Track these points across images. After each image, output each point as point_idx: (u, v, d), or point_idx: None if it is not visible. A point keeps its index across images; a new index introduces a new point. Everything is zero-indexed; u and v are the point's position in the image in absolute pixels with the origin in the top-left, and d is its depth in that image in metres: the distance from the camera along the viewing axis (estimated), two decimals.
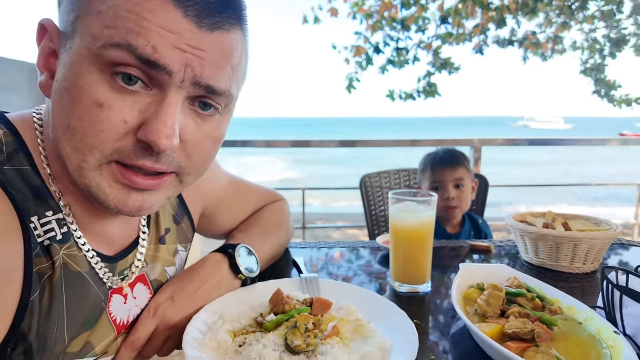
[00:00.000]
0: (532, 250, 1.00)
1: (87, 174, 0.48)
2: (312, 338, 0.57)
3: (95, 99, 0.45)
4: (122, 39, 0.44)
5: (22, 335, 0.48)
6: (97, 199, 0.50)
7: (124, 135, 0.47)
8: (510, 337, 0.60)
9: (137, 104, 0.47)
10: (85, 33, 0.45)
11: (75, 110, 0.45)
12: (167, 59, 0.45)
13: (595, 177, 14.36)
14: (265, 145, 3.58)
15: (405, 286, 0.85)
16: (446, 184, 1.57)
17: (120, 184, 0.49)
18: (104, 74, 0.45)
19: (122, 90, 0.46)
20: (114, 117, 0.46)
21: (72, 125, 0.46)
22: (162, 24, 0.44)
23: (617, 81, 5.39)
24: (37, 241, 0.50)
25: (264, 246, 0.88)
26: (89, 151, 0.46)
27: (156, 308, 0.65)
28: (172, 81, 0.47)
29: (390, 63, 5.49)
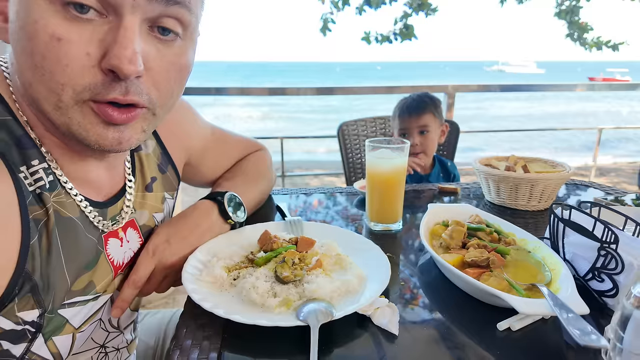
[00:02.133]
0: (494, 191, 1.10)
1: (65, 112, 0.49)
2: (299, 270, 0.65)
3: (52, 33, 0.44)
4: None
5: (27, 275, 0.51)
6: (78, 136, 0.51)
7: (90, 68, 0.47)
8: (469, 265, 0.70)
9: (96, 34, 0.46)
10: None
11: (36, 48, 0.45)
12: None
13: (564, 121, 14.84)
14: (240, 93, 3.53)
15: (380, 225, 0.94)
16: (411, 130, 1.65)
17: (99, 119, 0.50)
18: (55, 4, 0.44)
19: (77, 20, 0.45)
20: (75, 50, 0.45)
21: (39, 64, 0.45)
22: None
23: (589, 24, 5.43)
24: (28, 190, 0.52)
25: (249, 193, 0.94)
26: (61, 89, 0.47)
27: (154, 250, 0.70)
28: (124, 2, 0.45)
29: (367, 3, 5.31)
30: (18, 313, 0.52)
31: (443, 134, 1.74)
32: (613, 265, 0.60)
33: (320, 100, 19.66)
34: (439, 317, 0.63)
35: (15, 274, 0.50)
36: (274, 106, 19.84)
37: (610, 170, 6.07)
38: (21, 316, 0.53)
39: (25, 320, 0.53)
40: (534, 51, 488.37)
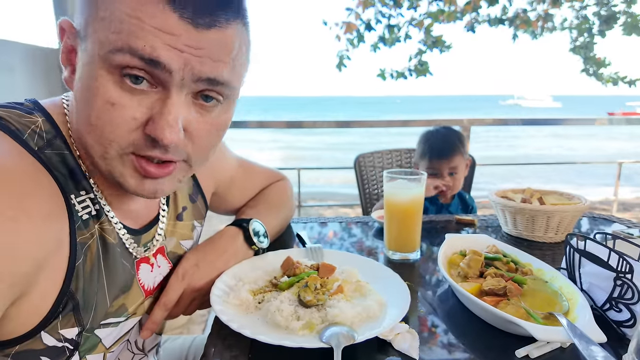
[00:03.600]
0: (511, 223, 1.12)
1: (110, 162, 0.54)
2: (321, 295, 0.68)
3: (107, 99, 0.50)
4: (125, 44, 0.47)
5: (71, 294, 0.56)
6: (119, 183, 0.56)
7: (135, 130, 0.52)
8: (486, 293, 0.72)
9: (145, 101, 0.51)
10: (94, 39, 0.49)
11: (93, 110, 0.51)
12: (165, 57, 0.48)
13: (582, 155, 14.63)
14: (258, 126, 3.64)
15: (398, 254, 0.96)
16: (442, 172, 1.68)
17: (138, 172, 0.55)
18: (113, 75, 0.49)
19: (131, 90, 0.50)
20: (124, 115, 0.50)
21: (93, 122, 0.51)
22: (159, 26, 0.47)
23: (606, 59, 5.48)
24: (78, 215, 0.57)
25: (272, 221, 0.98)
26: (108, 144, 0.52)
27: (184, 273, 0.75)
28: (173, 79, 0.50)
29: (381, 41, 5.49)
30: (60, 330, 0.56)
31: (467, 167, 1.77)
32: (630, 295, 0.61)
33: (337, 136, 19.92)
34: (458, 343, 0.64)
35: (61, 292, 0.55)
36: (291, 134, 20.19)
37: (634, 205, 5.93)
38: (63, 333, 0.57)
39: (65, 338, 0.57)
40: (550, 85, 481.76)
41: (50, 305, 0.54)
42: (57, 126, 0.58)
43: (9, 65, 2.17)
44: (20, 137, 0.53)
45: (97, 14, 0.49)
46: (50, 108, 0.60)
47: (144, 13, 0.47)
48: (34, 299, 0.52)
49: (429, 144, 1.72)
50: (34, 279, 0.51)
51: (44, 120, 0.58)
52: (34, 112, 0.58)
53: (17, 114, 0.55)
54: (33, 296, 0.52)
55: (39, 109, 0.59)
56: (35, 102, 0.60)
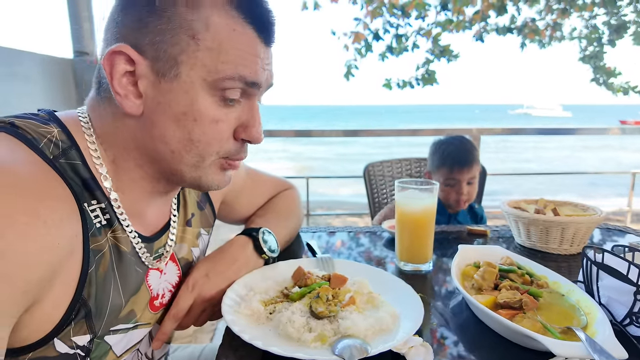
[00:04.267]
0: (524, 234, 1.10)
1: (201, 169, 0.62)
2: (333, 306, 0.67)
3: (212, 118, 0.58)
4: (235, 72, 0.57)
5: (83, 301, 0.56)
6: (202, 185, 0.65)
7: (229, 139, 0.62)
8: (501, 306, 0.70)
9: (235, 114, 0.61)
10: (198, 66, 0.56)
11: (198, 128, 0.58)
12: (261, 79, 0.60)
13: (594, 165, 14.45)
14: (267, 135, 3.66)
15: (410, 265, 0.95)
16: (461, 182, 1.65)
17: (222, 170, 0.65)
18: (215, 97, 0.58)
19: (227, 105, 0.60)
20: (225, 128, 0.61)
21: (197, 139, 0.59)
22: (255, 53, 0.58)
23: (617, 68, 5.44)
24: (92, 222, 0.58)
25: (281, 230, 0.98)
26: (208, 154, 0.61)
27: (194, 284, 0.74)
28: (259, 92, 0.62)
29: (389, 50, 5.51)
30: (73, 337, 0.56)
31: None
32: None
33: (346, 145, 19.94)
34: (472, 358, 0.63)
35: (73, 299, 0.55)
36: (300, 143, 20.26)
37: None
38: (75, 340, 0.57)
39: (77, 345, 0.57)
40: (559, 94, 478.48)
41: (63, 312, 0.54)
42: (72, 138, 0.59)
43: (26, 75, 2.21)
44: (36, 146, 0.54)
45: (201, 44, 0.55)
46: (66, 120, 0.61)
47: (244, 44, 0.57)
48: (47, 305, 0.52)
49: (447, 153, 1.68)
50: (48, 285, 0.51)
51: (60, 131, 0.58)
52: (50, 122, 0.59)
53: (33, 124, 0.56)
54: (46, 303, 0.52)
55: (55, 120, 0.60)
56: (50, 113, 0.62)
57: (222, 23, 0.55)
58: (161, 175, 0.64)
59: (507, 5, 5.04)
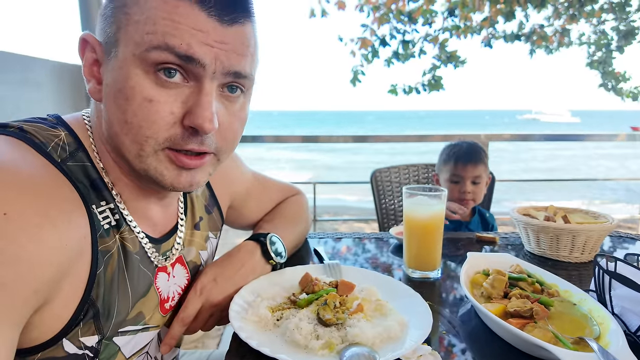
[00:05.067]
0: (534, 241, 1.09)
1: (144, 160, 0.57)
2: (341, 313, 0.67)
3: (145, 96, 0.53)
4: (161, 42, 0.52)
5: (92, 302, 0.56)
6: (155, 180, 0.59)
7: (172, 125, 0.55)
8: (511, 315, 0.69)
9: (180, 97, 0.55)
10: (129, 41, 0.53)
11: (129, 107, 0.54)
12: (200, 54, 0.53)
13: (604, 172, 14.28)
14: (275, 141, 3.68)
15: (418, 272, 0.94)
16: (465, 179, 1.65)
17: (174, 165, 0.58)
18: (149, 73, 0.53)
19: (165, 84, 0.54)
20: (162, 109, 0.54)
21: (129, 120, 0.54)
22: (192, 24, 0.52)
23: (626, 73, 5.39)
24: (100, 224, 0.58)
25: (289, 235, 0.98)
26: (144, 141, 0.55)
27: (202, 289, 0.74)
28: (206, 73, 0.55)
29: (395, 56, 5.52)
30: (81, 338, 0.57)
31: (486, 185, 1.74)
32: None
33: (353, 151, 19.93)
34: None
35: (82, 299, 0.55)
36: (307, 148, 20.28)
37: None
38: (83, 341, 0.57)
39: (85, 345, 0.58)
40: (568, 100, 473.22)
41: (72, 312, 0.55)
42: (79, 140, 0.60)
43: (38, 81, 2.25)
44: (44, 150, 0.55)
45: (130, 18, 0.53)
46: (72, 123, 0.62)
47: (176, 14, 0.52)
48: (56, 306, 0.53)
49: (454, 151, 1.71)
50: (57, 286, 0.51)
51: (67, 134, 0.60)
52: (58, 126, 0.60)
53: (41, 128, 0.57)
54: (56, 303, 0.52)
55: (62, 124, 0.61)
56: (58, 117, 0.63)
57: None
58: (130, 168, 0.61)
59: (515, 11, 5.02)
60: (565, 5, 5.23)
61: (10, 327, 0.46)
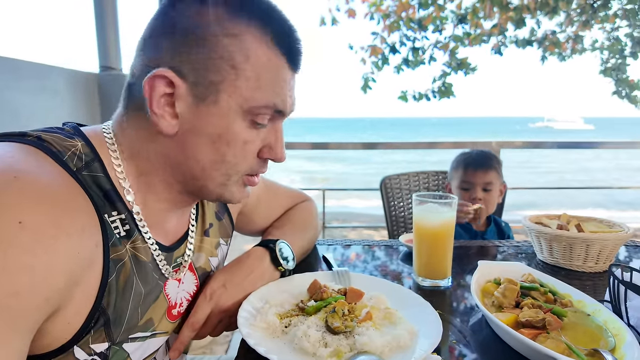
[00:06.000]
0: (547, 250, 1.07)
1: (227, 187, 0.66)
2: (349, 321, 0.66)
3: (243, 140, 0.62)
4: (269, 102, 0.61)
5: (103, 310, 0.57)
6: (224, 199, 0.68)
7: (254, 157, 0.65)
8: (523, 325, 0.68)
9: (261, 135, 0.65)
10: (236, 94, 0.59)
11: (230, 150, 0.62)
12: (289, 108, 0.64)
13: (617, 180, 14.02)
14: (285, 147, 3.69)
15: (428, 281, 0.93)
16: (475, 186, 1.62)
17: (243, 186, 0.68)
18: (246, 121, 0.61)
19: (256, 128, 0.63)
20: (253, 149, 0.64)
21: (228, 160, 0.62)
22: (286, 81, 0.63)
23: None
24: (113, 233, 0.59)
25: (298, 242, 0.98)
26: (235, 173, 0.64)
27: (211, 294, 0.75)
28: (284, 118, 0.66)
29: (405, 63, 5.52)
30: (91, 344, 0.57)
31: (501, 194, 1.70)
32: None
33: (363, 158, 19.89)
34: None
35: (93, 307, 0.56)
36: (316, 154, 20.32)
37: None
38: (93, 347, 0.58)
39: (95, 352, 0.58)
40: (581, 107, 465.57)
41: (83, 320, 0.55)
42: (95, 151, 0.61)
43: (54, 89, 2.30)
44: (60, 159, 0.56)
45: (241, 74, 0.59)
46: (90, 135, 0.63)
47: (277, 74, 0.61)
48: (68, 313, 0.53)
49: (465, 157, 1.69)
50: (69, 293, 0.52)
51: (84, 144, 0.60)
52: (75, 136, 0.61)
53: (59, 138, 0.58)
54: (67, 311, 0.53)
55: (79, 134, 0.62)
56: (75, 128, 0.64)
57: (260, 54, 0.59)
58: (186, 190, 0.67)
59: (525, 18, 4.99)
60: (577, 12, 5.19)
61: (23, 334, 0.47)
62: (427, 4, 5.12)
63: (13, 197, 0.46)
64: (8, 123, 1.96)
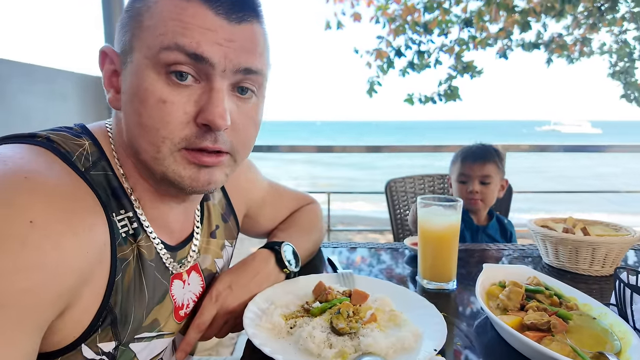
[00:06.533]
0: (552, 254, 1.07)
1: (162, 162, 0.58)
2: (354, 323, 0.67)
3: (159, 97, 0.55)
4: (172, 42, 0.54)
5: (110, 308, 0.58)
6: (174, 181, 0.60)
7: (186, 124, 0.57)
8: (528, 328, 0.68)
9: (192, 97, 0.57)
10: (142, 46, 0.56)
11: (145, 110, 0.56)
12: (209, 52, 0.55)
13: (625, 184, 13.87)
14: (290, 151, 3.70)
15: (433, 284, 0.93)
16: (472, 178, 1.61)
17: (191, 164, 0.59)
18: (161, 75, 0.55)
19: (178, 86, 0.56)
20: (176, 109, 0.56)
21: (145, 123, 0.56)
22: (200, 24, 0.54)
23: None
24: (119, 232, 0.60)
25: (303, 244, 0.98)
26: (161, 142, 0.57)
27: (217, 295, 0.75)
28: (215, 71, 0.56)
29: (411, 66, 5.52)
30: (99, 343, 0.58)
31: (502, 189, 1.69)
32: None
33: (368, 161, 19.88)
34: None
35: (101, 306, 0.57)
36: (321, 158, 20.34)
37: None
38: (101, 346, 0.58)
39: (103, 351, 0.59)
40: (588, 110, 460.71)
41: (91, 318, 0.56)
42: (101, 149, 0.62)
43: (63, 92, 2.33)
44: (69, 159, 0.57)
45: (142, 25, 0.56)
46: (96, 132, 0.65)
47: (185, 15, 0.54)
48: (76, 311, 0.54)
49: (464, 150, 1.69)
50: (78, 292, 0.53)
51: (91, 143, 0.62)
52: (82, 135, 0.62)
53: (67, 138, 0.59)
54: (76, 309, 0.54)
55: (87, 133, 0.63)
56: (83, 127, 0.65)
57: (164, 0, 0.56)
58: (149, 173, 0.62)
59: (531, 21, 4.97)
60: (585, 14, 5.16)
61: (34, 331, 0.48)
62: (433, 8, 5.12)
63: (24, 197, 0.47)
64: (19, 125, 2.00)
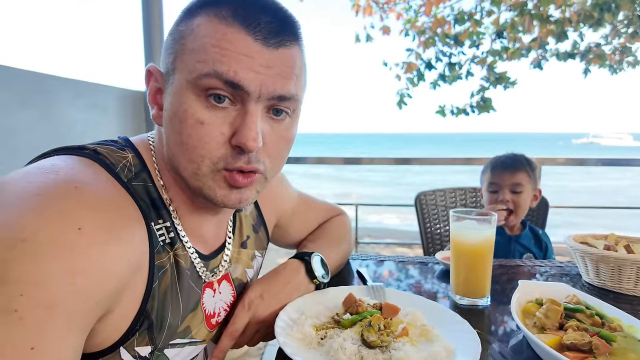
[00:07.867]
0: (593, 272, 1.02)
1: (201, 178, 0.61)
2: (385, 336, 0.66)
3: (197, 119, 0.58)
4: (211, 69, 0.56)
5: (147, 314, 0.60)
6: (207, 197, 0.62)
7: (222, 144, 0.59)
8: (568, 348, 0.65)
9: (227, 118, 0.59)
10: (183, 68, 0.58)
11: (184, 129, 0.58)
12: (245, 81, 0.56)
13: None
14: (317, 162, 3.73)
15: (466, 299, 0.91)
16: (503, 188, 1.57)
17: (227, 184, 0.62)
18: (200, 97, 0.57)
19: (215, 108, 0.58)
20: (213, 130, 0.58)
21: (184, 141, 0.59)
22: (239, 50, 0.56)
23: None
24: (157, 241, 0.63)
25: (332, 255, 0.99)
26: (200, 160, 0.59)
27: (249, 304, 0.77)
28: (250, 98, 0.58)
29: (442, 79, 5.46)
30: (136, 347, 0.60)
31: (535, 199, 1.63)
32: None
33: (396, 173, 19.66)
34: None
35: (139, 311, 0.59)
36: (350, 170, 20.29)
37: None
38: (138, 350, 0.61)
39: (140, 355, 0.61)
40: (629, 122, 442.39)
41: (130, 322, 0.59)
42: (143, 161, 0.66)
43: (104, 106, 2.46)
44: (113, 170, 0.60)
45: (186, 47, 0.58)
46: (138, 145, 0.68)
47: (225, 41, 0.56)
48: (116, 315, 0.57)
49: (495, 159, 1.66)
50: (118, 296, 0.55)
51: (134, 155, 0.65)
52: (126, 148, 0.66)
53: (112, 150, 0.63)
54: (116, 313, 0.56)
55: (130, 146, 0.67)
56: (126, 140, 0.69)
57: (207, 26, 0.57)
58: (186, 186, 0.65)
59: (567, 31, 4.83)
60: (624, 23, 4.97)
61: (79, 332, 0.50)
62: (464, 20, 5.08)
63: (74, 205, 0.50)
64: (64, 135, 2.13)
